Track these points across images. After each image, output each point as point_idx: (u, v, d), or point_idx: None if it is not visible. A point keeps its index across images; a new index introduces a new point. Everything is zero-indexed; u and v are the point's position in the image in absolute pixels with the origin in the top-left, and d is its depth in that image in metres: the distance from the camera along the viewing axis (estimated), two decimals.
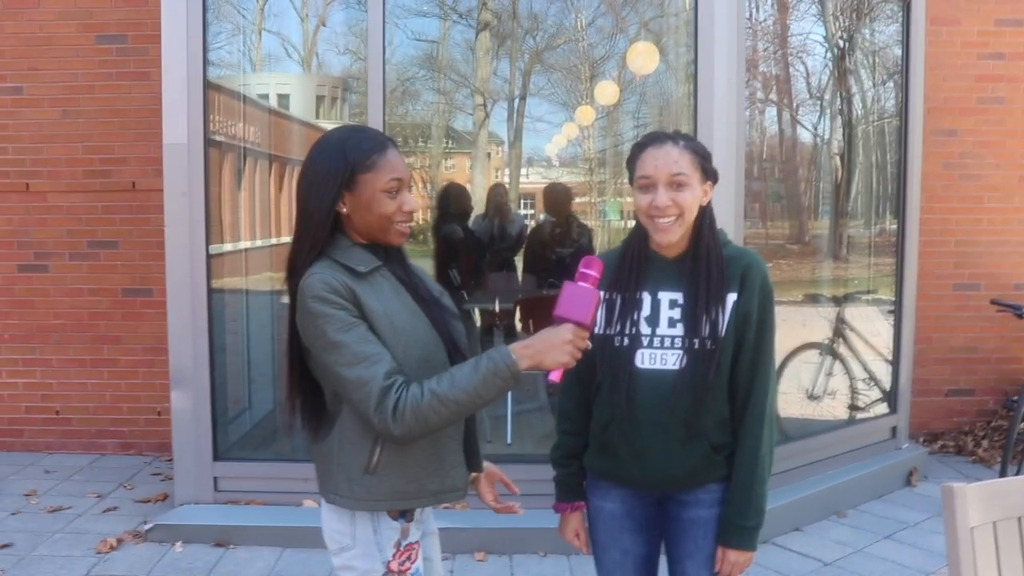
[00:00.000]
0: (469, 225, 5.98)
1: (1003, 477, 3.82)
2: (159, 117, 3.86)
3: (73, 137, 4.85)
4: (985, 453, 4.95)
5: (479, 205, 6.30)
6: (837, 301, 4.90)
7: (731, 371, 1.86)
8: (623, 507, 1.97)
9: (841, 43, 4.94)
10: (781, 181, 5.28)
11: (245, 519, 3.80)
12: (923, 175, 4.78)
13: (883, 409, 4.75)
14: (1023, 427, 4.37)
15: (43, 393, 4.99)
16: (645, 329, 1.87)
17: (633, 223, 1.96)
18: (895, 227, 4.74)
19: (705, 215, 1.89)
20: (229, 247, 4.57)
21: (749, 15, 4.29)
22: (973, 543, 1.61)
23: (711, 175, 1.90)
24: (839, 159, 4.99)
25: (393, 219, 1.71)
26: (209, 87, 3.90)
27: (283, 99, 5.78)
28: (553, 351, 1.60)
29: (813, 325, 4.75)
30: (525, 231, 6.28)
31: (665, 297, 1.87)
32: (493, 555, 3.66)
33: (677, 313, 1.86)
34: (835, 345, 4.76)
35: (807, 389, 4.64)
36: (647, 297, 1.89)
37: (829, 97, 5.06)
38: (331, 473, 1.71)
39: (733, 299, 1.85)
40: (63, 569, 3.50)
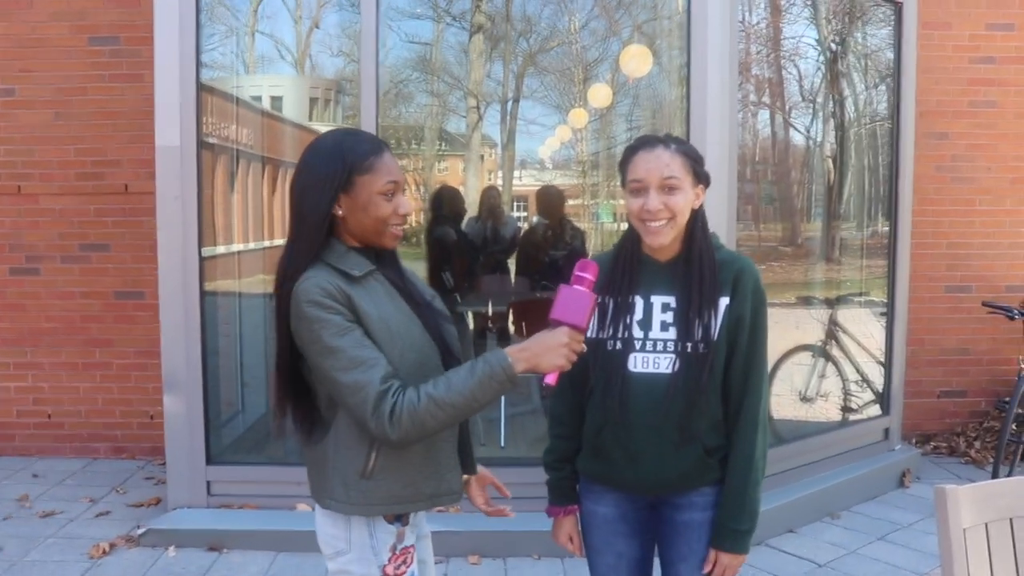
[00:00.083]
0: (462, 228, 5.97)
1: (995, 478, 3.85)
2: (152, 119, 3.85)
3: (65, 139, 4.84)
4: (977, 454, 4.97)
5: (472, 207, 6.28)
6: (830, 303, 4.91)
7: (724, 374, 1.86)
8: (616, 511, 1.97)
9: (834, 46, 4.95)
10: (774, 184, 5.29)
11: (238, 523, 3.79)
12: (915, 178, 4.81)
13: (876, 411, 4.76)
14: (1015, 428, 4.39)
15: (35, 397, 4.96)
16: (638, 333, 1.87)
17: (626, 226, 1.97)
18: (887, 229, 4.76)
19: (697, 218, 1.90)
20: (222, 250, 4.56)
21: (742, 18, 4.30)
22: (966, 544, 1.62)
23: (703, 178, 1.90)
24: (831, 162, 5.00)
25: (388, 222, 1.71)
26: (202, 89, 3.89)
27: (276, 101, 5.76)
28: (549, 354, 1.60)
29: (806, 327, 4.76)
30: (518, 234, 6.27)
31: (658, 301, 1.88)
32: (487, 558, 3.66)
33: (670, 317, 1.86)
34: (828, 347, 4.77)
35: (800, 391, 4.65)
36: (640, 301, 1.89)
37: (822, 100, 5.07)
38: (326, 478, 1.71)
39: (726, 303, 1.85)
40: (55, 574, 3.48)
